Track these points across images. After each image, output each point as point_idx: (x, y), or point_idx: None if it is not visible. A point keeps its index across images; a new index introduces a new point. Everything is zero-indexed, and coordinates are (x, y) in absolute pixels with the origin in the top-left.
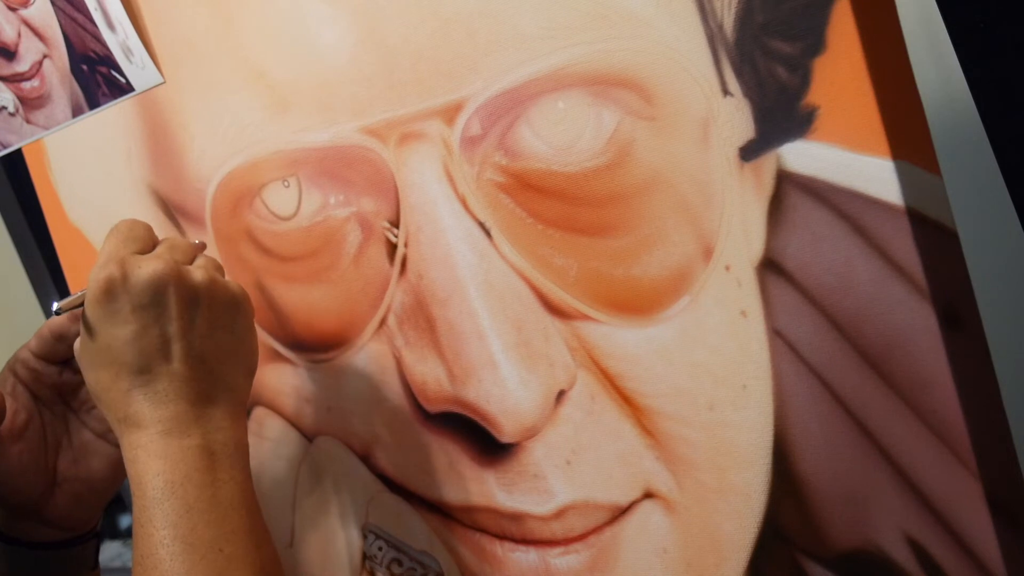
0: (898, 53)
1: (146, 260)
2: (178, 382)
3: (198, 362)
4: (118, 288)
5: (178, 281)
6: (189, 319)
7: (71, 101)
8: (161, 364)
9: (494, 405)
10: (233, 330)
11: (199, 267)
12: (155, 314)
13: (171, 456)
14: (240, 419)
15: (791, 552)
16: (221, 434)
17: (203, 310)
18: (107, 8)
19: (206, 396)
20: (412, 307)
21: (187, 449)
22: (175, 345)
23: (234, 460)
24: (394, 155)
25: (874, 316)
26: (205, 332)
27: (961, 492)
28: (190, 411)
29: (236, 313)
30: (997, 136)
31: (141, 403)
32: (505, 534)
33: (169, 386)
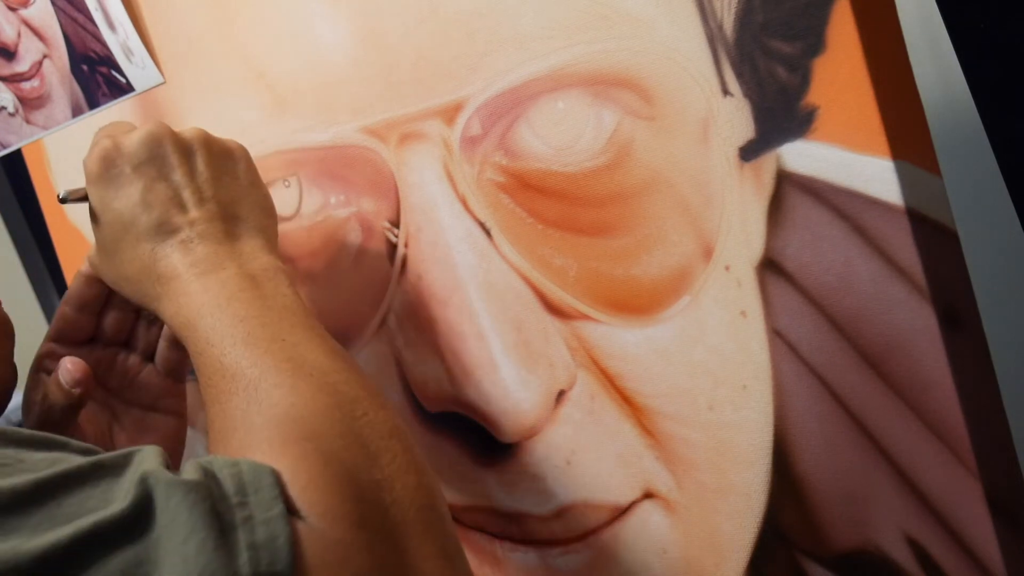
0: (898, 53)
1: (135, 129)
2: (200, 227)
3: (213, 205)
4: (113, 154)
5: (170, 134)
6: (191, 166)
7: (71, 101)
8: (177, 214)
9: (494, 405)
10: (237, 175)
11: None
12: (156, 167)
13: (211, 288)
14: (274, 252)
15: (791, 552)
16: (257, 262)
17: (202, 157)
18: (107, 8)
19: (231, 234)
20: (412, 307)
21: (226, 279)
22: (185, 192)
23: (277, 281)
24: (394, 155)
25: (874, 316)
26: (211, 177)
27: (961, 492)
28: (219, 249)
29: (234, 160)
30: (997, 136)
31: (169, 255)
32: (505, 534)
33: (192, 232)
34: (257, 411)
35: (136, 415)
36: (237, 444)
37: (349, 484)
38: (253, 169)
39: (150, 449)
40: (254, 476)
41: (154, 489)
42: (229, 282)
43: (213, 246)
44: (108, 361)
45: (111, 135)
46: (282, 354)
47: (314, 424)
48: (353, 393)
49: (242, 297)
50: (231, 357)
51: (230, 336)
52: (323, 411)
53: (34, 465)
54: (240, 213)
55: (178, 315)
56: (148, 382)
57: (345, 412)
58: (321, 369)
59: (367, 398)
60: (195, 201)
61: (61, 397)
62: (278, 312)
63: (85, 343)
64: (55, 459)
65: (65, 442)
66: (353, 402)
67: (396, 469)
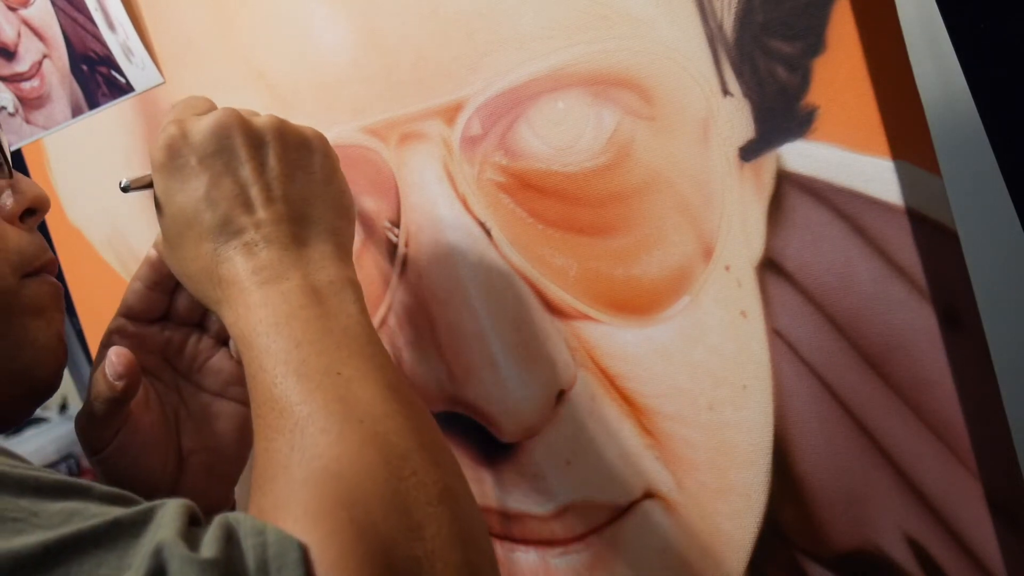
0: (898, 53)
1: (205, 114)
2: (266, 229)
3: (282, 205)
4: (179, 143)
5: (241, 124)
6: (261, 161)
7: (71, 101)
8: (243, 215)
9: (494, 405)
10: (312, 170)
11: (261, 115)
12: (224, 160)
13: (271, 301)
14: (345, 259)
15: (791, 552)
16: (324, 273)
17: (274, 150)
18: (107, 8)
19: (299, 239)
20: (412, 307)
21: (287, 291)
22: (252, 190)
23: (343, 296)
24: (395, 155)
25: (874, 316)
26: (282, 173)
27: (961, 492)
28: (285, 256)
29: (311, 152)
30: (997, 136)
31: (232, 258)
32: (505, 534)
33: (257, 235)
34: (299, 461)
35: (204, 400)
36: (273, 499)
37: (383, 564)
38: (331, 162)
39: (173, 506)
40: (279, 550)
41: (168, 564)
42: (291, 296)
43: (278, 252)
44: (179, 342)
45: (179, 119)
46: (334, 392)
47: (354, 485)
48: (404, 446)
49: (302, 315)
50: (281, 388)
51: (283, 363)
52: (367, 469)
53: (49, 519)
54: (311, 214)
55: (236, 325)
56: (220, 367)
57: (392, 470)
58: (373, 414)
59: (419, 452)
60: (263, 200)
61: (105, 389)
62: (338, 336)
63: (157, 320)
64: (73, 512)
65: (88, 488)
66: (402, 458)
67: (440, 544)
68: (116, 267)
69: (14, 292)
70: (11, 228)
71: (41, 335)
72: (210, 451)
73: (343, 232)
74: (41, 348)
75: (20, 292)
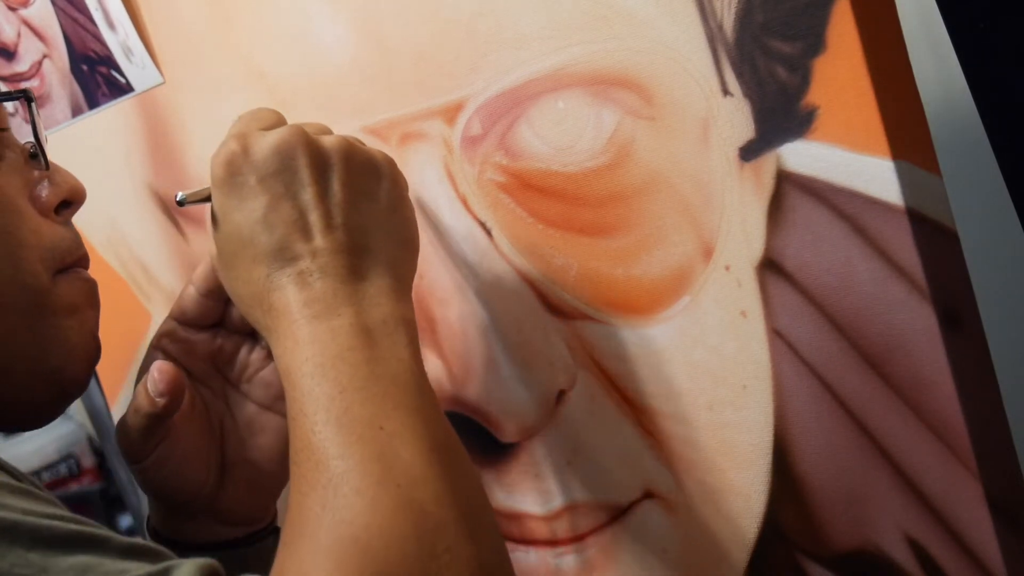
0: (898, 53)
1: (270, 132)
2: (322, 259)
3: (342, 234)
4: (239, 160)
5: (307, 144)
6: (324, 185)
7: (71, 101)
8: (300, 241)
9: (494, 405)
10: (377, 197)
11: (331, 135)
12: (285, 181)
13: (320, 339)
14: (402, 296)
15: (791, 552)
16: (378, 310)
17: (338, 174)
18: (107, 8)
19: (356, 271)
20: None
21: (338, 329)
22: (312, 216)
23: (396, 338)
24: (395, 155)
25: (874, 316)
26: (345, 199)
27: (961, 492)
28: (340, 289)
29: (378, 178)
30: (997, 136)
31: (284, 287)
32: (505, 534)
33: (312, 264)
34: (329, 524)
35: (251, 411)
36: (298, 563)
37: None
38: (399, 190)
39: (190, 570)
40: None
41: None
42: (340, 334)
43: (333, 284)
44: (231, 350)
45: (243, 134)
46: (374, 447)
47: (383, 560)
48: (440, 516)
49: (350, 358)
50: (320, 437)
51: (325, 409)
52: (398, 543)
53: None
54: (371, 245)
55: (282, 360)
56: (270, 380)
57: (424, 546)
58: (411, 478)
59: (455, 524)
60: (321, 227)
61: (147, 404)
62: (385, 384)
63: (209, 327)
64: (85, 567)
65: (104, 540)
66: (436, 531)
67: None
68: (116, 267)
69: (47, 291)
70: (44, 222)
71: (73, 334)
72: (253, 464)
73: (404, 265)
74: (74, 347)
75: (53, 291)
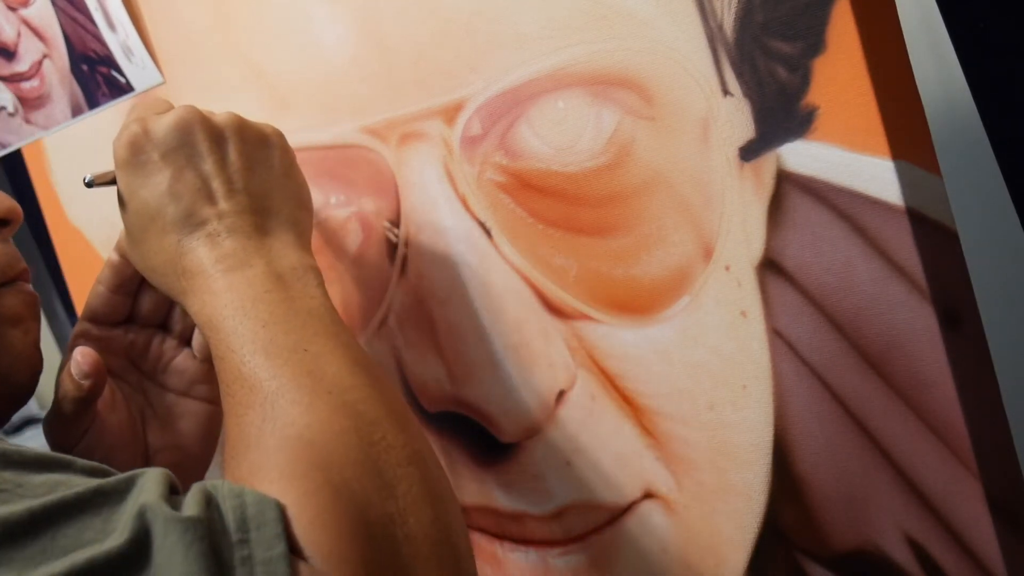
0: (898, 53)
1: (166, 112)
2: (228, 219)
3: (244, 195)
4: (142, 140)
5: (202, 120)
6: (221, 155)
7: (71, 101)
8: (205, 206)
9: (494, 405)
10: (271, 164)
11: (222, 113)
12: (186, 155)
13: (236, 287)
14: (306, 248)
15: (791, 552)
16: (286, 260)
17: (234, 145)
18: (108, 8)
19: (261, 228)
20: (412, 307)
21: (252, 277)
22: (214, 183)
23: (306, 280)
24: (395, 155)
25: (874, 316)
26: (243, 166)
27: (961, 492)
28: (248, 244)
29: (270, 148)
30: (997, 136)
31: (195, 249)
32: (505, 534)
33: (220, 225)
34: (271, 430)
35: (169, 400)
36: (248, 466)
37: (359, 521)
38: (289, 157)
39: (153, 474)
40: (258, 510)
41: (152, 524)
42: (255, 281)
43: (241, 240)
44: (143, 343)
45: (141, 118)
46: (302, 367)
47: (328, 450)
48: (372, 414)
49: (267, 299)
50: (250, 366)
51: (251, 343)
52: (339, 434)
53: (33, 490)
54: (272, 206)
55: (202, 312)
56: (184, 367)
57: (362, 436)
58: (341, 386)
59: (387, 419)
60: (224, 192)
61: (72, 388)
62: (303, 317)
63: (120, 323)
64: (56, 483)
65: (69, 462)
66: (372, 424)
67: (411, 501)
68: None
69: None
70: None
71: (18, 343)
72: (176, 448)
73: (303, 222)
74: (18, 356)
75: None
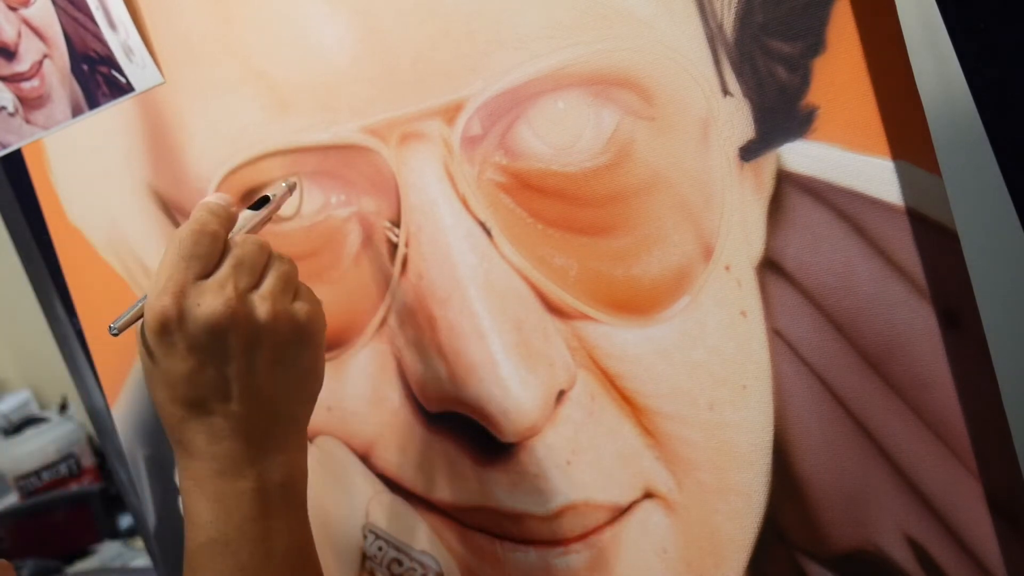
0: (898, 53)
1: (206, 294)
2: (234, 420)
3: (258, 401)
4: (172, 326)
5: (238, 323)
6: (249, 360)
7: (71, 101)
8: (218, 402)
9: (494, 405)
10: (297, 363)
11: (265, 296)
12: (212, 353)
13: (224, 501)
14: (298, 449)
15: (791, 552)
16: (277, 473)
17: (265, 350)
18: (108, 7)
19: (264, 433)
20: (412, 307)
21: (241, 494)
22: (233, 385)
23: (290, 503)
24: (395, 155)
25: (874, 316)
26: (266, 370)
27: (961, 492)
28: (246, 451)
29: (301, 345)
30: (997, 136)
31: (196, 434)
32: (505, 534)
33: (225, 424)
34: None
35: None
36: None
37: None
38: (318, 350)
39: None
40: None
41: None
42: (243, 500)
43: (241, 445)
44: None
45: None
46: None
47: None
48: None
49: (249, 534)
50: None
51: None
52: None
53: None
54: (283, 409)
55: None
56: None
57: None
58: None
59: None
60: (240, 394)
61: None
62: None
63: None
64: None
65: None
66: None
67: None
68: (116, 267)
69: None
70: None
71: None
72: None
73: (302, 419)
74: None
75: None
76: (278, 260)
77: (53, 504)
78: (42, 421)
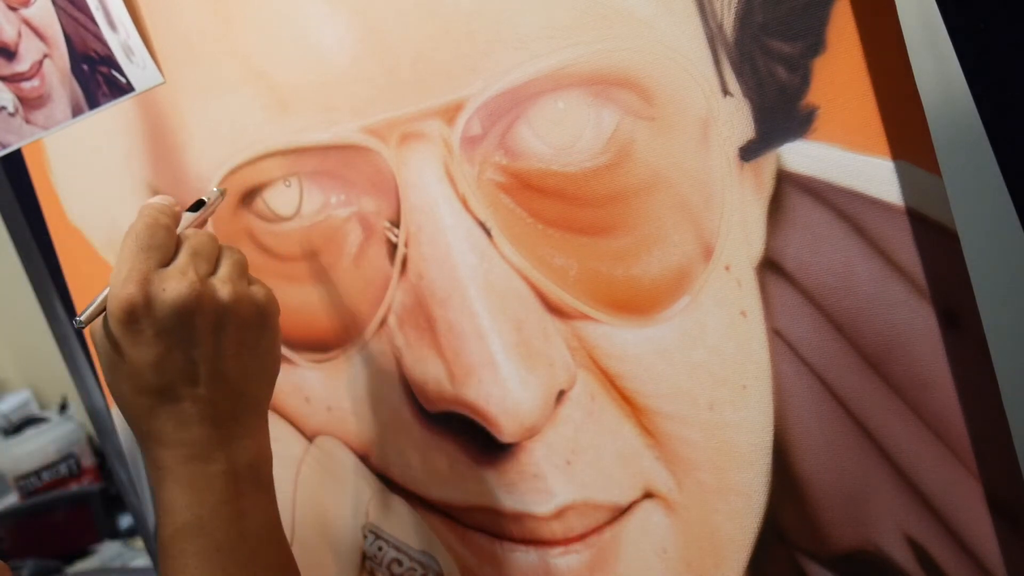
0: (898, 53)
1: (170, 280)
2: (202, 404)
3: (224, 384)
4: (140, 312)
5: (204, 304)
6: (215, 342)
7: (71, 101)
8: (185, 387)
9: (494, 405)
10: (259, 344)
11: (224, 279)
12: (180, 337)
13: (197, 485)
14: (263, 430)
15: (791, 552)
16: (245, 456)
17: (230, 331)
18: (108, 7)
19: (230, 416)
20: (412, 307)
21: (213, 477)
22: (201, 368)
23: (259, 484)
24: (395, 155)
25: (874, 316)
26: (232, 352)
27: (961, 492)
28: (214, 434)
29: (263, 328)
30: (997, 136)
31: (164, 422)
32: (505, 534)
33: (193, 408)
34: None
35: None
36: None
37: None
38: (276, 333)
39: None
40: None
41: None
42: (215, 483)
43: (209, 429)
44: None
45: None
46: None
47: None
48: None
49: (223, 514)
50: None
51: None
52: None
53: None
54: (248, 389)
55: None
56: None
57: None
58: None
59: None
60: (208, 377)
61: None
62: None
63: None
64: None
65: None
66: None
67: None
68: None
69: None
70: None
71: None
72: None
73: (265, 401)
74: None
75: None
76: (228, 249)
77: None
78: (42, 421)
